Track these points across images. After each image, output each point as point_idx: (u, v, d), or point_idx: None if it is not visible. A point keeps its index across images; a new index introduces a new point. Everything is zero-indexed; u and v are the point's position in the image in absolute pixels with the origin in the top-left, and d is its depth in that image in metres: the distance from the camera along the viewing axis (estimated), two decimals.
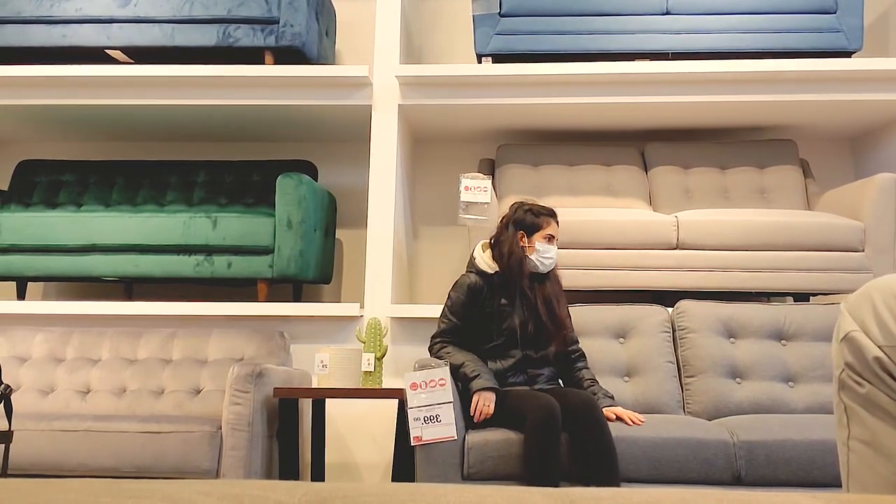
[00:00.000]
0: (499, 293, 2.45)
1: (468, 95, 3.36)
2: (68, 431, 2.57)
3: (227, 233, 3.21)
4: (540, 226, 2.46)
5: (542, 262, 2.46)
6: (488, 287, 2.46)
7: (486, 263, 2.48)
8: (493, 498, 0.54)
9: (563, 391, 2.38)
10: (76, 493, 0.49)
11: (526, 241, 2.46)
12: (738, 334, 2.77)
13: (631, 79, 3.27)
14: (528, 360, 2.43)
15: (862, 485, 1.03)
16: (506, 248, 2.45)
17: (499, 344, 2.42)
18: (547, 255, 2.46)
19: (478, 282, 2.46)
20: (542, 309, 2.42)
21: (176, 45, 3.37)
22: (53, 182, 3.75)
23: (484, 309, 2.44)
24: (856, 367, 0.97)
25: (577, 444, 2.15)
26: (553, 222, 2.49)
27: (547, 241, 2.46)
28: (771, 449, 2.23)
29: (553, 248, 2.48)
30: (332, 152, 3.94)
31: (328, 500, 0.53)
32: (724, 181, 3.50)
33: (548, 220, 2.48)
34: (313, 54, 3.45)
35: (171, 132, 3.87)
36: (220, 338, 3.13)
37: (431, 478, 2.20)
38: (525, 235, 2.46)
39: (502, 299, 2.44)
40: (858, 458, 1.04)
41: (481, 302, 2.44)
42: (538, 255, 2.45)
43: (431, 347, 2.47)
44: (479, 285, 2.45)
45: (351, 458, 3.21)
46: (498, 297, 2.44)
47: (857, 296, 0.96)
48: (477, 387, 2.27)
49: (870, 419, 1.00)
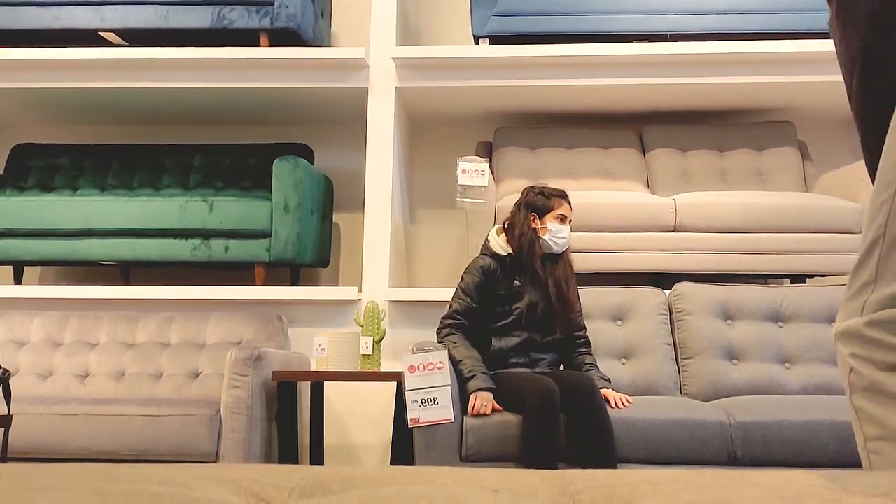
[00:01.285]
0: (512, 275, 2.48)
1: (465, 77, 3.34)
2: (67, 415, 2.58)
3: (223, 216, 3.20)
4: (551, 206, 2.50)
5: (556, 243, 2.48)
6: (502, 269, 2.49)
7: (499, 246, 2.52)
8: (490, 480, 0.54)
9: (562, 373, 2.40)
10: (75, 478, 0.49)
11: (538, 222, 2.49)
12: (735, 316, 2.78)
13: (629, 60, 3.26)
14: (532, 342, 2.46)
15: None
16: (517, 229, 2.49)
17: (506, 323, 2.44)
18: (560, 235, 2.48)
19: (491, 264, 2.49)
20: (553, 290, 2.45)
21: (170, 27, 3.34)
22: (48, 166, 3.73)
23: (496, 291, 2.47)
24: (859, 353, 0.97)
25: (575, 426, 2.17)
26: (564, 203, 2.52)
27: (559, 221, 2.49)
28: (767, 429, 2.24)
29: (566, 228, 2.50)
30: (329, 135, 3.92)
31: (326, 484, 0.53)
32: (721, 163, 3.50)
33: (559, 201, 2.51)
34: (309, 36, 3.42)
35: (166, 115, 3.85)
36: (218, 321, 3.14)
37: (430, 460, 2.21)
38: (537, 217, 2.50)
39: (515, 281, 2.47)
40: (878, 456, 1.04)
41: (495, 283, 2.47)
42: (551, 235, 2.47)
43: (440, 331, 2.48)
44: (492, 267, 2.48)
45: (350, 441, 3.23)
46: (511, 279, 2.48)
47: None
48: (473, 387, 2.28)
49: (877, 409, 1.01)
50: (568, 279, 2.51)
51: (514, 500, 0.49)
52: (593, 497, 0.52)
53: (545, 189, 2.55)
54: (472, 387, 2.29)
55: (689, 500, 0.50)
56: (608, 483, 0.54)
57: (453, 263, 3.80)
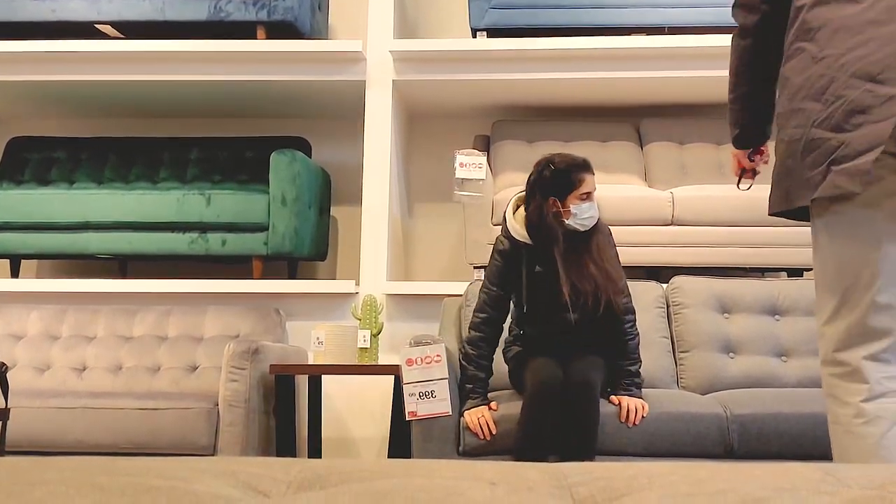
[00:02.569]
0: (534, 260, 2.22)
1: (463, 71, 3.33)
2: (65, 409, 2.58)
3: (221, 210, 3.19)
4: (573, 185, 2.14)
5: (582, 224, 2.17)
6: (524, 252, 2.22)
7: (516, 231, 2.23)
8: (487, 473, 0.54)
9: (573, 361, 2.20)
10: (73, 471, 0.49)
11: (558, 205, 2.15)
12: (732, 309, 2.79)
13: (627, 54, 3.25)
14: (562, 329, 2.23)
15: (841, 447, 1.26)
16: (534, 218, 2.16)
17: (530, 311, 2.28)
18: (585, 216, 2.16)
19: (510, 247, 2.24)
20: (585, 272, 2.16)
21: (167, 20, 3.33)
22: (45, 159, 3.72)
23: (518, 275, 2.24)
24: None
25: (564, 416, 2.13)
26: (587, 177, 2.16)
27: (582, 200, 2.16)
28: (763, 422, 2.25)
29: (592, 204, 2.17)
30: (326, 129, 3.91)
31: (324, 477, 0.53)
32: (719, 157, 3.49)
33: (580, 177, 2.15)
34: (306, 28, 3.41)
35: (162, 108, 3.83)
36: (215, 315, 3.14)
37: (427, 453, 2.22)
38: (557, 201, 2.15)
39: (536, 266, 2.22)
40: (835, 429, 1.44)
41: (517, 267, 2.23)
42: (575, 219, 2.15)
43: (470, 329, 2.30)
44: (511, 250, 2.23)
45: (348, 434, 3.24)
46: (532, 264, 2.22)
47: None
48: (466, 408, 2.20)
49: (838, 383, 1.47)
50: (602, 252, 2.20)
51: (511, 493, 0.50)
52: (590, 490, 0.52)
53: (563, 162, 2.17)
54: (465, 407, 2.21)
55: (685, 492, 0.50)
56: (605, 476, 0.54)
57: (451, 257, 3.80)
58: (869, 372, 1.41)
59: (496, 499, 0.48)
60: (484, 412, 2.20)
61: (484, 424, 2.18)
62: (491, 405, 2.23)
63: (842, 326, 1.45)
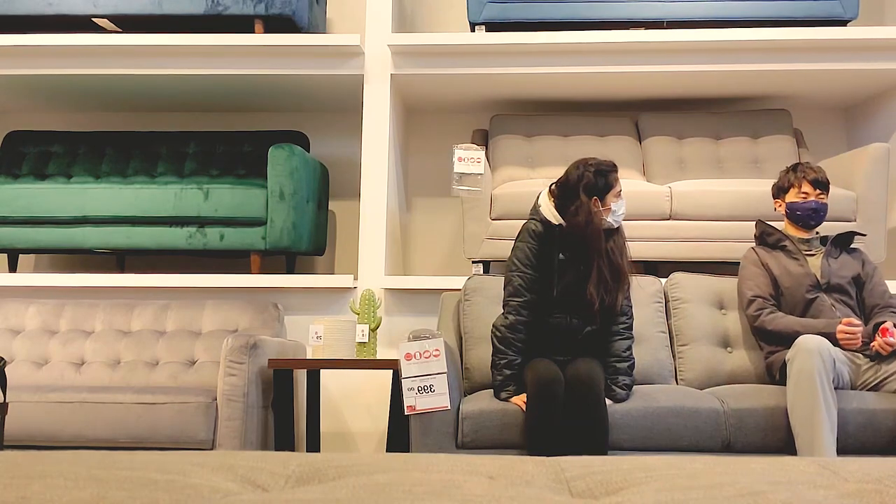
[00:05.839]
0: (559, 247, 2.36)
1: (461, 65, 3.32)
2: (63, 403, 2.58)
3: (219, 204, 3.19)
4: (611, 185, 2.36)
5: (617, 221, 2.39)
6: (550, 237, 2.36)
7: (551, 213, 2.37)
8: (485, 466, 0.54)
9: (571, 361, 2.30)
10: (71, 465, 0.49)
11: (599, 204, 2.35)
12: (730, 305, 2.79)
13: (625, 48, 3.25)
14: (568, 324, 2.36)
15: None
16: (581, 216, 2.31)
17: (544, 301, 2.35)
18: (620, 213, 2.39)
19: (543, 230, 2.37)
20: (605, 262, 2.32)
21: (164, 14, 3.32)
22: (42, 153, 3.71)
23: (551, 259, 2.35)
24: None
25: (572, 418, 2.17)
26: (617, 176, 2.41)
27: (617, 197, 2.38)
28: (760, 417, 2.26)
29: (623, 201, 2.40)
30: (324, 123, 3.91)
31: (323, 471, 0.53)
32: (717, 151, 3.49)
33: (615, 177, 2.38)
34: (304, 22, 3.40)
35: (160, 102, 3.83)
36: (213, 309, 3.14)
37: (426, 447, 2.22)
38: (598, 200, 2.35)
39: (560, 254, 2.35)
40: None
41: (549, 251, 2.35)
42: (613, 215, 2.36)
43: (507, 313, 2.34)
44: (542, 232, 2.36)
45: (346, 428, 3.24)
46: (557, 251, 2.36)
47: None
48: (507, 396, 2.30)
49: None
50: (622, 249, 2.39)
51: (509, 486, 0.50)
52: (588, 483, 0.52)
53: (600, 166, 2.37)
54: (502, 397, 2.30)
55: (682, 485, 0.50)
56: (603, 469, 0.55)
57: (449, 251, 3.80)
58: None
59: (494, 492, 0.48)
60: (524, 399, 2.25)
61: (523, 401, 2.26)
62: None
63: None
